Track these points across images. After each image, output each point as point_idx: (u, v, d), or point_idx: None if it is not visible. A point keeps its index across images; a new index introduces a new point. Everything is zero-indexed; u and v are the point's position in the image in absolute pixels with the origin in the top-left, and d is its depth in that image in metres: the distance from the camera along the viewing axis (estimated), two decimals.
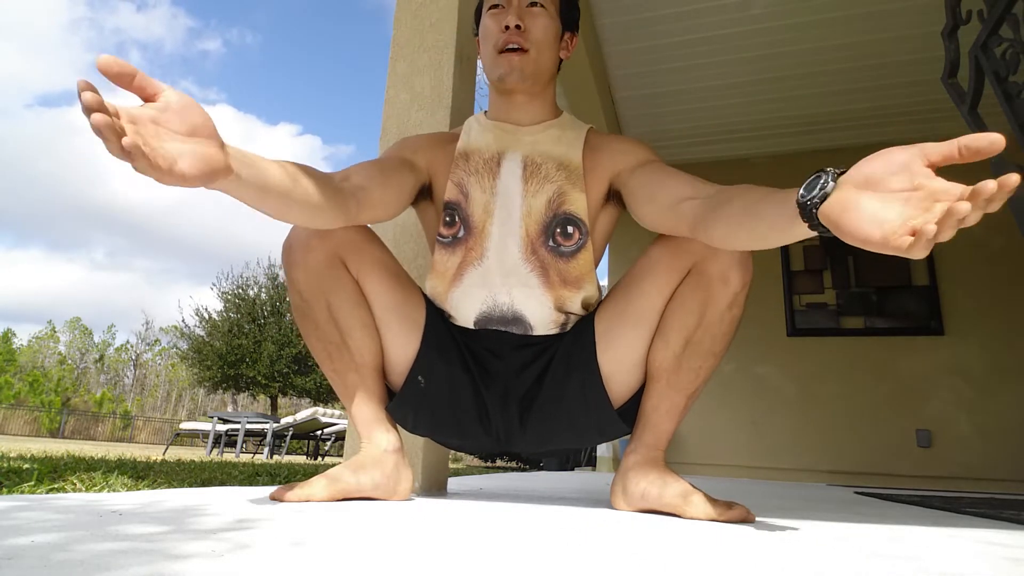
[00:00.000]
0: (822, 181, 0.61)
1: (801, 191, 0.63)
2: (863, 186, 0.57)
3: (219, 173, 0.62)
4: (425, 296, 1.09)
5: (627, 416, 1.04)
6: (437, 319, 1.06)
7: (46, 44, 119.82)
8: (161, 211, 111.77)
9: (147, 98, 0.59)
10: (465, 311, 1.05)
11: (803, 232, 0.64)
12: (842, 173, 0.60)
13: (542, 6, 1.08)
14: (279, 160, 0.76)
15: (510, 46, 1.06)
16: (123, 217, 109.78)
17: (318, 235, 0.98)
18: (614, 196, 1.06)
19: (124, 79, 0.56)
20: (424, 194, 1.11)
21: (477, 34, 1.16)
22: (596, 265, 1.07)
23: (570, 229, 1.03)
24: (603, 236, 1.09)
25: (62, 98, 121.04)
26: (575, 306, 1.04)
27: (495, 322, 1.04)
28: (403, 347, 1.04)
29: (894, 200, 0.55)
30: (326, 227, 0.92)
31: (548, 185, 1.04)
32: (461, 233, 1.05)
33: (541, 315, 1.03)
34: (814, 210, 0.60)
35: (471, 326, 1.06)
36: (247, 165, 0.68)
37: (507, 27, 1.05)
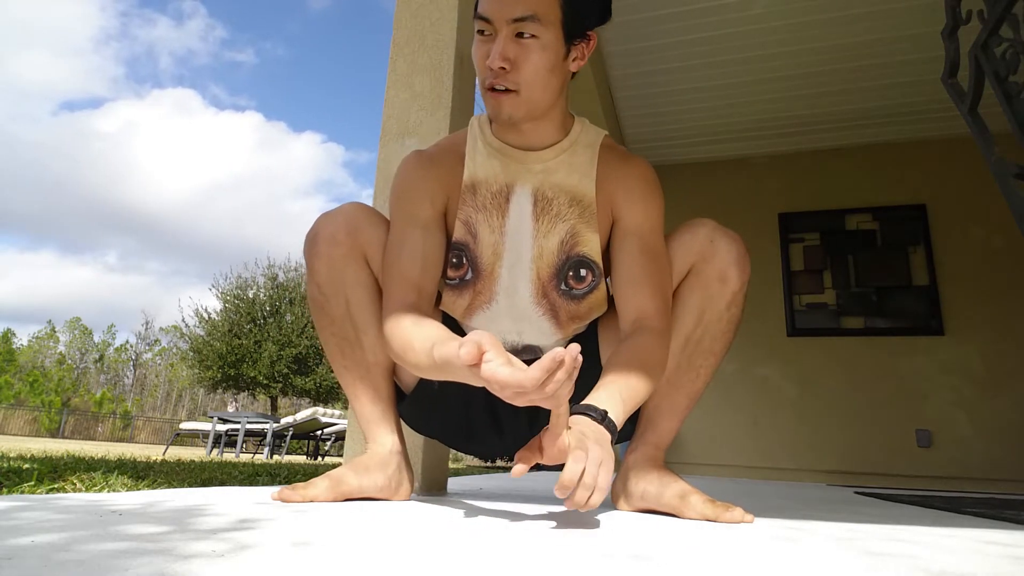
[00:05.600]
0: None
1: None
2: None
3: None
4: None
5: (634, 419, 1.04)
6: (452, 322, 1.06)
7: (77, 51, 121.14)
8: (174, 214, 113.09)
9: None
10: None
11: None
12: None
13: (533, 35, 0.89)
14: (427, 335, 0.84)
15: (496, 87, 0.91)
16: (136, 220, 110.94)
17: (345, 230, 0.98)
18: None
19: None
20: None
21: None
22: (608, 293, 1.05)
23: (583, 272, 0.99)
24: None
25: (86, 103, 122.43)
26: (584, 329, 1.05)
27: None
28: None
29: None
30: None
31: (560, 224, 0.98)
32: (469, 275, 1.00)
33: (551, 347, 1.03)
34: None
35: None
36: None
37: (491, 67, 0.89)
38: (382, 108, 1.60)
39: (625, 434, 1.06)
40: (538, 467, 8.12)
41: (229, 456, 6.38)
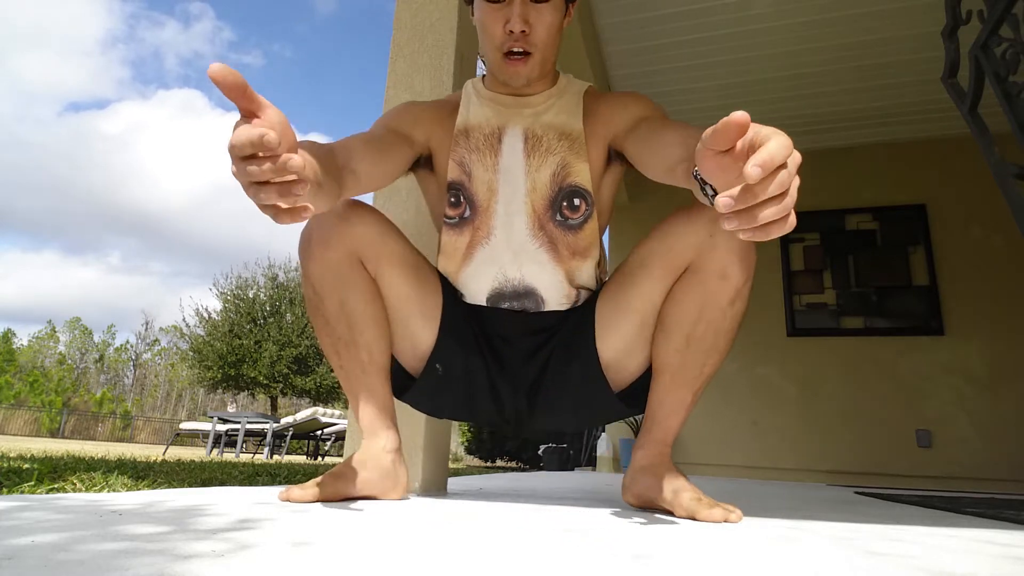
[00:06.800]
0: (703, 187, 0.68)
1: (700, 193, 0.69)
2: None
3: None
4: (441, 278, 1.10)
5: (630, 398, 1.06)
6: (453, 305, 1.08)
7: (84, 53, 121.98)
8: (178, 215, 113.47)
9: (249, 113, 0.57)
10: (476, 290, 1.07)
11: None
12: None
13: (546, 0, 0.99)
14: (320, 150, 0.78)
15: (515, 50, 1.00)
16: (140, 221, 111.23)
17: (337, 231, 0.98)
18: (615, 156, 1.06)
19: (235, 91, 0.56)
20: (423, 165, 1.11)
21: (469, 3, 1.08)
22: (603, 229, 1.08)
23: (576, 201, 1.03)
24: (608, 199, 1.10)
25: (91, 104, 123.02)
26: (584, 276, 1.05)
27: (507, 298, 1.05)
28: (421, 336, 1.06)
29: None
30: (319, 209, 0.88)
31: (551, 158, 1.03)
32: (467, 213, 1.05)
33: (553, 290, 1.04)
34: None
35: (483, 303, 1.07)
36: (319, 181, 0.70)
37: (511, 31, 0.98)
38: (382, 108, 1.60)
39: (625, 413, 1.09)
40: (538, 467, 8.09)
41: (229, 456, 6.38)
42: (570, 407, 1.07)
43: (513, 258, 1.03)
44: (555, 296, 1.05)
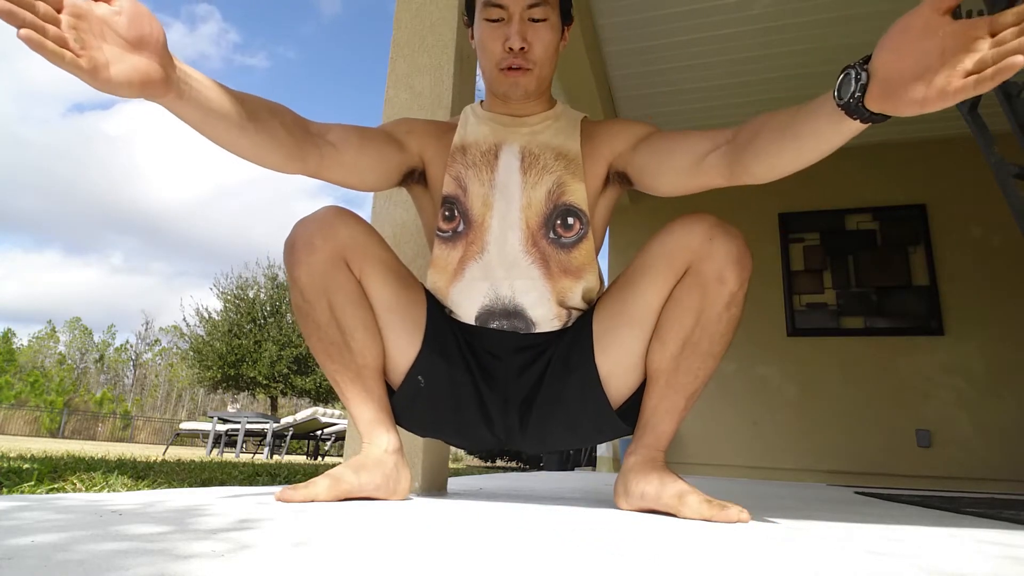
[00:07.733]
0: (854, 75, 0.65)
1: (836, 94, 0.68)
2: (895, 61, 0.61)
3: (154, 87, 0.66)
4: (427, 293, 1.09)
5: (627, 416, 1.04)
6: (439, 318, 1.06)
7: None
8: (181, 215, 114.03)
9: None
10: (467, 306, 1.05)
11: (852, 130, 0.69)
12: (866, 61, 0.65)
13: (544, 18, 1.02)
14: (246, 93, 0.82)
15: (512, 66, 1.03)
16: (143, 221, 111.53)
17: (321, 234, 0.98)
18: (614, 179, 1.07)
19: None
20: (416, 180, 1.11)
21: (469, 25, 1.11)
22: (597, 252, 1.08)
23: (570, 220, 1.03)
24: (603, 221, 1.10)
25: (96, 104, 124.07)
26: (576, 298, 1.04)
27: (497, 316, 1.04)
28: (404, 347, 1.04)
29: (930, 57, 0.59)
30: (278, 168, 0.90)
31: (547, 176, 1.03)
32: (461, 227, 1.04)
33: (542, 309, 1.03)
34: (860, 104, 0.65)
35: (472, 322, 1.06)
36: (195, 88, 0.73)
37: (510, 48, 1.01)
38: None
39: (624, 432, 1.06)
40: (538, 467, 8.09)
41: (229, 456, 6.38)
42: (566, 424, 1.05)
43: (505, 274, 1.02)
44: (544, 318, 1.04)
